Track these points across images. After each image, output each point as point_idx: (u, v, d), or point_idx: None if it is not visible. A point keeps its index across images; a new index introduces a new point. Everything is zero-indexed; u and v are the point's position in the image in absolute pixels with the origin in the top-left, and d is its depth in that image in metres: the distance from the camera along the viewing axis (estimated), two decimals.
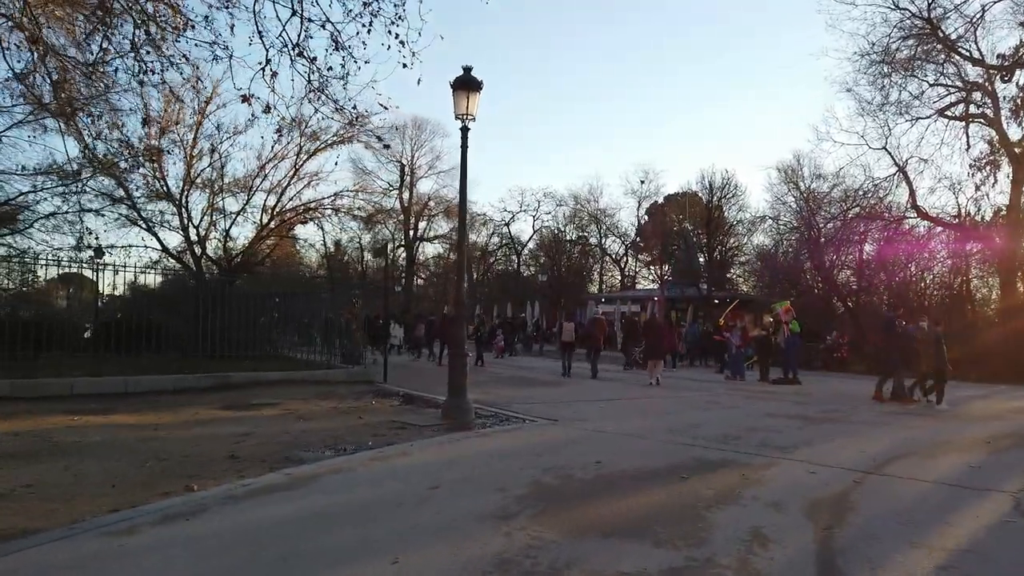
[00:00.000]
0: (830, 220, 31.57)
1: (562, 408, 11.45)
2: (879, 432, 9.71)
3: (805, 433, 9.35)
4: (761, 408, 12.03)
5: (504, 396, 12.99)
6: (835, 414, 11.52)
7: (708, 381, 18.30)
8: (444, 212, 62.24)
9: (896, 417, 11.44)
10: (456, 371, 9.97)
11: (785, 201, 36.84)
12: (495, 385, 15.45)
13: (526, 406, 11.48)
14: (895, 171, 25.21)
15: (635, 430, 9.26)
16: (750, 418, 10.71)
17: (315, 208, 26.40)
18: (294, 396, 12.03)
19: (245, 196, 24.77)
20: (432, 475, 6.27)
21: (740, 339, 18.90)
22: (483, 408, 10.92)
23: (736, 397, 13.93)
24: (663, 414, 11.14)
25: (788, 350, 17.89)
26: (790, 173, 36.58)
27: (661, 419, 10.50)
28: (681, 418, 10.59)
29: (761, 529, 4.83)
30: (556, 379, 17.49)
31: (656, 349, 17.45)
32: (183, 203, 23.68)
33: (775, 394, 14.87)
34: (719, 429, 9.40)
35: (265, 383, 13.32)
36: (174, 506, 5.07)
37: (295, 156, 24.68)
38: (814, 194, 34.31)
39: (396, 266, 64.11)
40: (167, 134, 22.44)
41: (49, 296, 20.00)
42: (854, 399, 14.32)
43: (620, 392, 14.75)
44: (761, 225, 39.66)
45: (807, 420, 10.65)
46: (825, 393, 15.61)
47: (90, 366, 12.51)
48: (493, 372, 19.61)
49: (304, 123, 23.90)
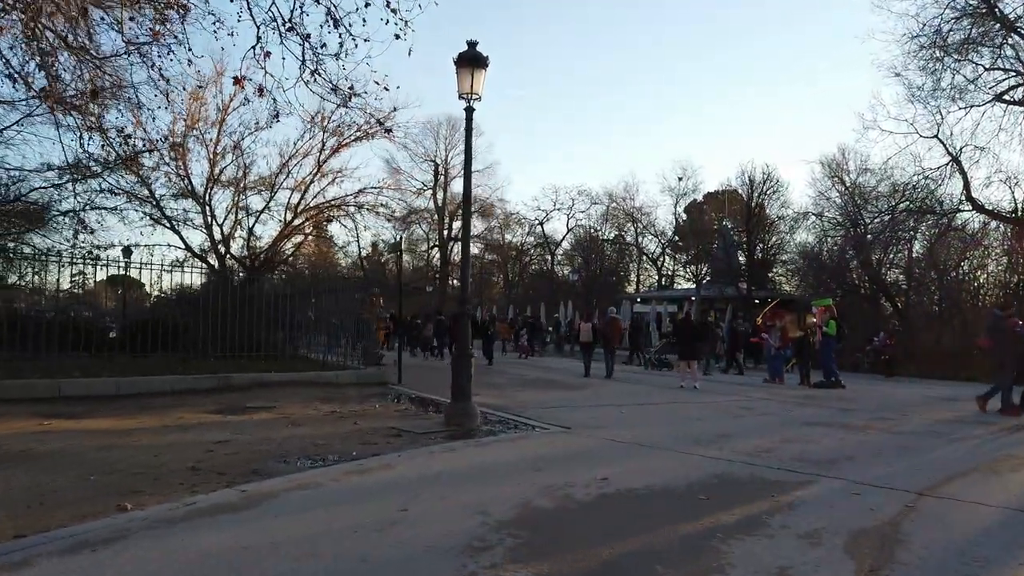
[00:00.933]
0: (877, 216, 30.04)
1: (580, 413, 10.55)
2: (935, 444, 8.61)
3: (847, 445, 8.30)
4: (798, 415, 10.96)
5: (520, 400, 12.14)
6: (881, 422, 10.40)
7: (743, 385, 17.18)
8: (479, 212, 61.68)
9: (953, 427, 10.28)
10: (460, 373, 9.15)
11: (829, 196, 35.26)
12: (515, 387, 14.62)
13: (541, 411, 10.62)
14: (947, 161, 23.66)
15: (655, 439, 8.31)
16: (785, 427, 9.68)
17: (339, 205, 25.90)
18: (295, 399, 11.34)
19: (268, 194, 24.40)
20: (408, 493, 5.45)
21: (779, 340, 17.73)
22: (492, 413, 10.10)
23: (772, 403, 12.85)
24: (689, 421, 10.17)
25: (822, 352, 16.67)
26: (834, 167, 34.95)
27: (686, 426, 9.53)
28: (708, 426, 9.60)
29: (789, 571, 3.91)
30: (579, 381, 16.58)
31: (689, 349, 16.38)
32: (207, 201, 23.37)
33: (815, 399, 13.74)
34: (749, 440, 8.42)
35: (269, 384, 12.68)
36: (90, 531, 4.33)
37: (318, 152, 24.23)
38: (860, 189, 32.72)
39: (431, 266, 63.79)
40: (192, 132, 22.22)
41: (96, 297, 19.95)
42: (903, 405, 13.12)
43: (645, 396, 13.78)
44: (804, 222, 38.09)
45: (849, 429, 9.58)
46: (871, 398, 14.41)
47: (90, 367, 12.03)
48: (517, 373, 18.78)
49: (326, 118, 23.52)
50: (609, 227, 52.30)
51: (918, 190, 25.07)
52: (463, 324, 9.50)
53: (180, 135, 21.74)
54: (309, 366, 14.66)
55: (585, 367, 18.60)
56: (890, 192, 27.57)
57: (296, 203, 24.65)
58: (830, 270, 35.10)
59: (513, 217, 57.96)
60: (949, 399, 14.69)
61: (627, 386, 15.88)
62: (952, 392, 16.50)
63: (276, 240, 24.85)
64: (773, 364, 17.83)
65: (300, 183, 24.74)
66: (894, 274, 35.12)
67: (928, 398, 14.82)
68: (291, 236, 26.04)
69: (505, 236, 60.28)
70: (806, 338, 17.62)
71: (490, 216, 60.23)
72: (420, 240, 66.84)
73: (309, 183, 24.55)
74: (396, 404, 11.56)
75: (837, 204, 34.33)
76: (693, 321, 19.15)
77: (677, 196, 51.18)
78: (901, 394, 15.72)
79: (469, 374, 9.17)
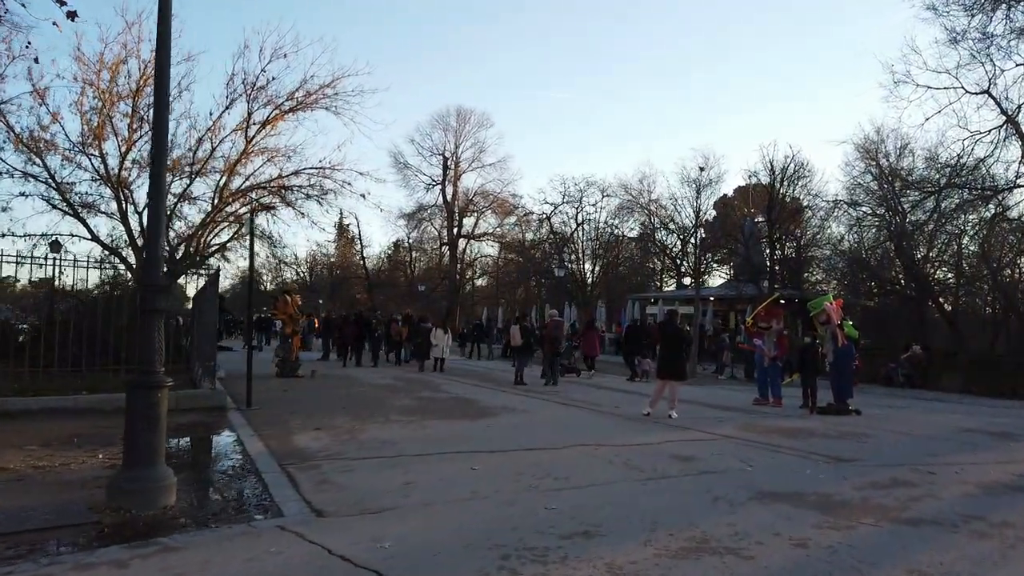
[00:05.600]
0: (919, 200, 25.46)
1: (402, 470, 6.65)
2: (978, 556, 4.54)
3: (807, 567, 4.28)
4: (755, 479, 6.83)
5: (339, 441, 8.31)
6: (888, 494, 6.26)
7: (730, 408, 13.04)
8: (492, 207, 57.92)
9: (1013, 500, 6.16)
10: (137, 416, 5.35)
11: (862, 182, 30.62)
12: (395, 413, 10.77)
13: (337, 464, 6.81)
14: (1002, 122, 18.94)
15: (461, 541, 4.46)
16: (718, 507, 5.63)
17: (275, 190, 22.30)
18: (27, 437, 7.68)
19: (189, 177, 20.91)
20: None
21: (776, 347, 13.54)
22: (240, 473, 6.29)
23: (729, 449, 8.67)
24: (554, 494, 6.06)
25: (837, 364, 12.37)
26: (869, 149, 30.24)
27: (534, 504, 5.53)
28: (579, 502, 5.62)
29: None
30: (496, 401, 12.65)
31: (669, 365, 11.46)
32: (117, 185, 19.98)
33: (803, 437, 9.60)
34: (627, 544, 4.47)
35: (13, 414, 9.06)
36: None
37: (243, 126, 20.69)
38: (899, 172, 28.11)
39: (441, 266, 60.28)
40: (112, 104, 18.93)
41: None
42: (935, 447, 8.95)
43: (562, 431, 9.77)
44: (835, 212, 33.34)
45: (828, 513, 5.49)
46: (894, 432, 10.25)
47: None
48: (429, 390, 14.92)
49: (251, 84, 20.06)
50: (627, 221, 47.78)
51: (963, 160, 20.30)
52: (147, 326, 5.59)
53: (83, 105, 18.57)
54: (108, 386, 10.91)
55: (515, 374, 16.97)
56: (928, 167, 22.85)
57: (222, 187, 21.15)
58: (867, 267, 30.56)
59: (519, 211, 53.91)
60: (1003, 434, 10.47)
61: (557, 410, 11.92)
62: (1008, 419, 12.28)
63: (196, 231, 21.31)
64: (764, 379, 13.65)
65: (228, 165, 21.23)
66: (942, 272, 30.46)
67: (972, 432, 10.59)
68: (218, 225, 22.54)
69: (526, 235, 56.26)
70: (815, 345, 13.43)
71: (508, 213, 56.41)
72: (432, 239, 63.49)
73: (235, 162, 21.02)
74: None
75: (872, 191, 29.78)
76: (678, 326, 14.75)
77: (699, 186, 46.60)
78: (937, 424, 11.46)
79: (154, 417, 5.37)
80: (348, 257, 66.17)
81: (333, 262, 66.16)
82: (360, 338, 21.35)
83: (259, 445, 7.71)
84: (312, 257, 62.74)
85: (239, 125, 20.67)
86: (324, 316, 25.22)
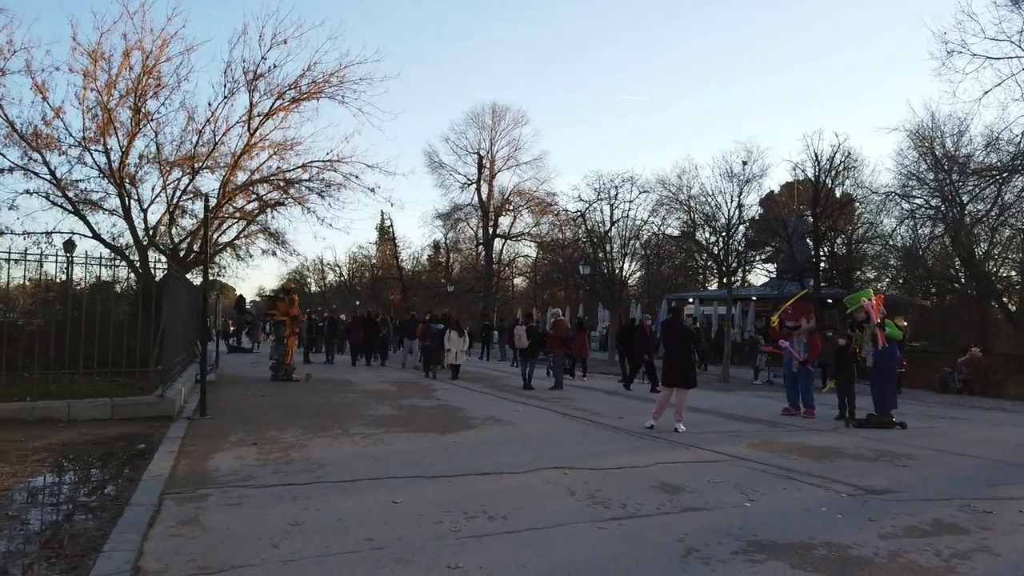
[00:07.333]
0: (979, 189, 23.24)
1: (302, 504, 5.35)
2: None
3: None
4: (753, 516, 5.36)
5: (263, 462, 7.06)
6: (940, 541, 4.73)
7: (743, 421, 11.44)
8: (528, 206, 56.54)
9: None
10: None
11: (915, 171, 28.27)
12: (369, 424, 9.50)
13: (231, 494, 5.53)
14: None
15: None
16: (687, 568, 4.20)
17: (282, 185, 21.35)
18: None
19: (192, 171, 20.09)
20: None
21: (807, 349, 11.86)
22: (102, 505, 5.08)
23: (735, 473, 7.17)
24: (496, 533, 4.76)
25: (878, 369, 10.61)
26: (924, 135, 27.87)
27: (460, 556, 4.20)
28: (513, 553, 4.24)
29: None
30: (484, 415, 11.27)
31: (675, 369, 9.94)
32: (119, 180, 19.25)
33: (832, 456, 7.99)
34: None
35: None
36: None
37: (246, 118, 19.79)
38: (956, 157, 25.82)
39: (478, 266, 59.10)
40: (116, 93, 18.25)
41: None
42: (995, 473, 7.26)
43: (538, 449, 8.36)
44: (886, 205, 30.92)
45: (845, 574, 4.02)
46: (944, 451, 8.55)
47: None
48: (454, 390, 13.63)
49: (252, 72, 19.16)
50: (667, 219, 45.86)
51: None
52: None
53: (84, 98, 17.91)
54: (63, 392, 9.82)
55: (523, 378, 16.04)
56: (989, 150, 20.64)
57: (225, 181, 20.29)
58: (922, 263, 28.30)
59: (555, 209, 52.25)
60: None
61: (549, 421, 10.49)
62: None
63: (199, 227, 20.45)
64: (794, 386, 11.97)
65: (233, 158, 20.37)
66: (1005, 268, 28.05)
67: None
68: (226, 221, 21.69)
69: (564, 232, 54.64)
70: (851, 347, 11.71)
71: (544, 212, 54.84)
72: (468, 239, 62.39)
73: (240, 154, 20.14)
74: None
75: (926, 180, 27.46)
76: (687, 325, 13.13)
77: (741, 183, 44.34)
78: (997, 442, 9.69)
79: None
80: (388, 259, 65.59)
81: (374, 264, 65.60)
82: (367, 339, 20.28)
83: (165, 466, 6.51)
84: (352, 259, 62.46)
85: (242, 117, 19.85)
86: (327, 316, 24.15)
